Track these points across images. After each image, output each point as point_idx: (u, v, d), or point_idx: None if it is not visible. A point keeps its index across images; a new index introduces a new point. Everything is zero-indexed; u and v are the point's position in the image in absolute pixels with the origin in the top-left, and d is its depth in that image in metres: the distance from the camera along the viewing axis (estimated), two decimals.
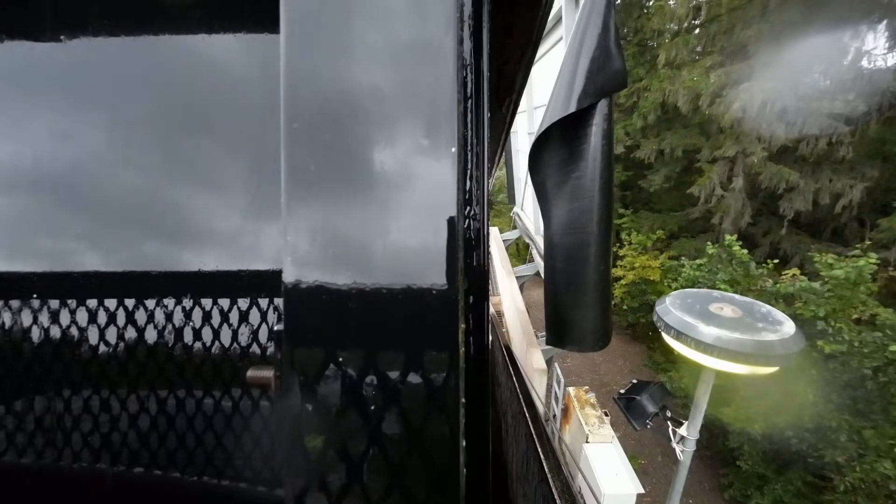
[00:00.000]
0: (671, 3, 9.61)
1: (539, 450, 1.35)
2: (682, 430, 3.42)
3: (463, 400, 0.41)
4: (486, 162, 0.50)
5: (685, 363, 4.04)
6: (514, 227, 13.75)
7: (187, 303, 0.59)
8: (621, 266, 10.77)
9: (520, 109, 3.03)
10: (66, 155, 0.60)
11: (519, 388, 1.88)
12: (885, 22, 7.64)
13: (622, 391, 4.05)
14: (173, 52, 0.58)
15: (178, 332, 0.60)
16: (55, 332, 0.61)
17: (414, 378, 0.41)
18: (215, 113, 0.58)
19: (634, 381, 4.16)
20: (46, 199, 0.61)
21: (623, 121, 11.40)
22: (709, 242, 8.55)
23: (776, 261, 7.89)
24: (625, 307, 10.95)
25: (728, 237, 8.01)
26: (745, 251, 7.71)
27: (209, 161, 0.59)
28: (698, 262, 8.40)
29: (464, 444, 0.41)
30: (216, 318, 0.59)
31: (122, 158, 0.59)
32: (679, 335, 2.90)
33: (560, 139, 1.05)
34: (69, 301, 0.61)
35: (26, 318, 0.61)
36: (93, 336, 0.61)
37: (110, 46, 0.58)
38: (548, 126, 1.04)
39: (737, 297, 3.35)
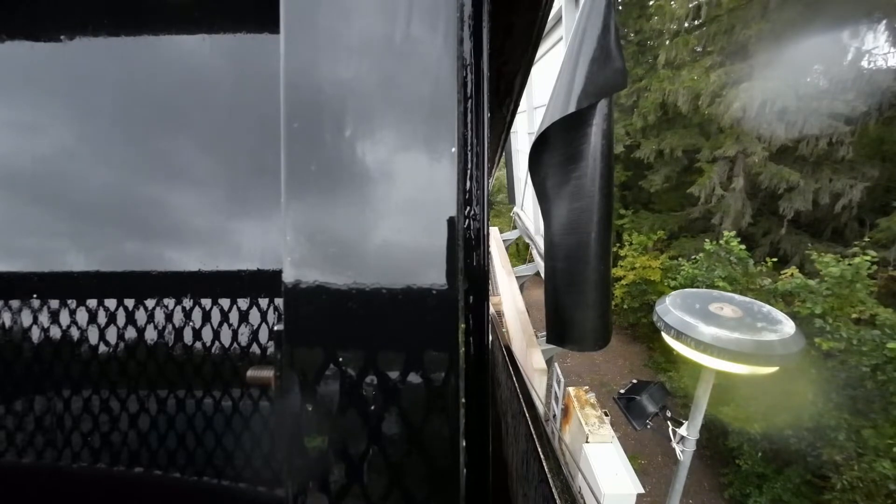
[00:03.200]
0: (672, 3, 9.61)
1: (539, 450, 1.35)
2: (682, 430, 3.42)
3: (463, 400, 0.41)
4: (486, 162, 0.50)
5: (685, 363, 4.04)
6: (514, 227, 13.75)
7: (187, 303, 0.59)
8: (622, 266, 10.77)
9: (520, 109, 3.03)
10: (66, 155, 0.60)
11: (519, 388, 1.88)
12: (884, 22, 7.64)
13: (622, 391, 4.06)
14: (174, 52, 0.58)
15: (178, 332, 0.60)
16: (55, 332, 0.61)
17: (414, 378, 0.41)
18: (215, 113, 0.58)
19: (634, 381, 4.16)
20: (46, 200, 0.61)
21: (623, 121, 11.40)
22: (707, 240, 8.55)
23: (775, 259, 7.90)
24: (625, 307, 10.96)
25: (726, 233, 8.01)
26: (743, 247, 7.72)
27: (210, 161, 0.59)
28: (694, 258, 8.41)
29: (464, 444, 0.41)
30: (216, 318, 0.59)
31: (123, 158, 0.59)
32: (679, 335, 2.90)
33: (560, 139, 1.05)
34: (69, 301, 0.61)
35: (26, 318, 0.61)
36: (92, 336, 0.61)
37: (109, 46, 0.58)
38: (548, 126, 1.04)
39: (737, 296, 3.35)
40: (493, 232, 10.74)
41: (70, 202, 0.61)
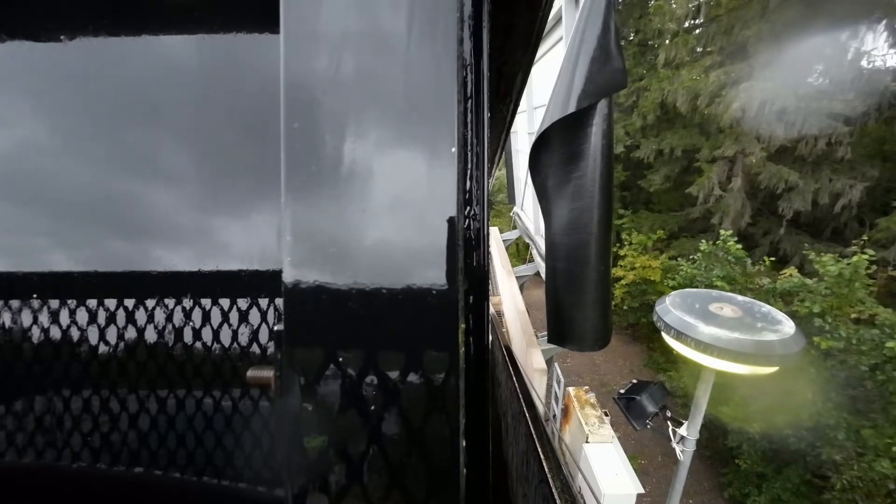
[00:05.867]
0: (671, 3, 9.62)
1: (539, 450, 1.35)
2: (682, 430, 3.42)
3: (463, 400, 0.41)
4: (486, 162, 0.50)
5: (685, 363, 4.05)
6: (514, 227, 13.75)
7: (187, 303, 0.59)
8: (621, 266, 10.78)
9: (520, 109, 3.03)
10: (67, 155, 0.60)
11: (519, 388, 1.88)
12: (884, 22, 7.65)
13: (622, 391, 4.06)
14: (174, 53, 0.58)
15: (178, 332, 0.60)
16: (55, 332, 0.61)
17: (414, 378, 0.41)
18: (215, 113, 0.58)
19: (634, 381, 4.16)
20: (45, 200, 0.61)
21: (623, 120, 11.41)
22: (703, 240, 8.56)
23: (773, 259, 7.91)
24: (625, 307, 10.96)
25: (723, 232, 8.02)
26: (740, 246, 7.74)
27: (210, 161, 0.59)
28: (692, 258, 8.42)
29: (464, 444, 0.41)
30: (216, 318, 0.59)
31: (123, 158, 0.59)
32: (679, 335, 2.90)
33: (560, 139, 1.05)
34: (69, 301, 0.61)
35: (26, 318, 0.61)
36: (92, 336, 0.61)
37: (108, 46, 0.58)
38: (548, 126, 1.04)
39: (737, 296, 3.35)
40: (493, 232, 10.74)
41: (70, 202, 0.61)
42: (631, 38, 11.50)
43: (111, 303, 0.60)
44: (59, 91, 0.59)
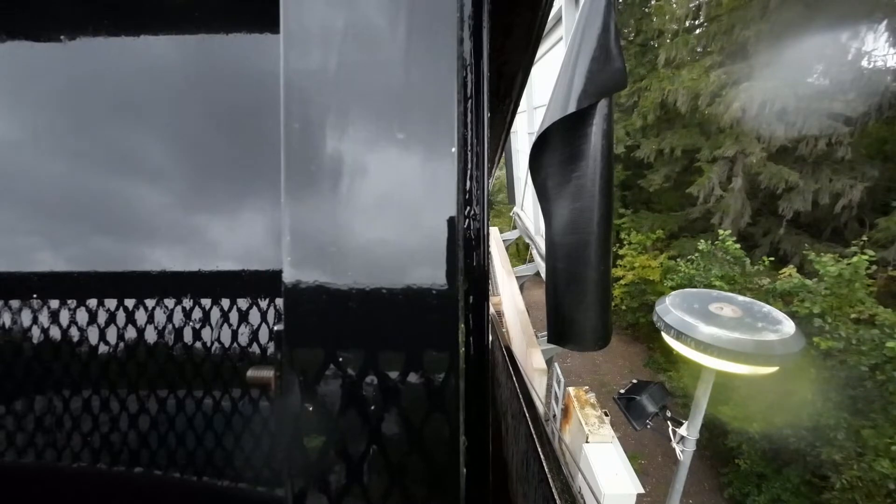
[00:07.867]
0: (672, 3, 9.61)
1: (539, 450, 1.35)
2: (682, 430, 3.42)
3: (463, 400, 0.41)
4: (486, 162, 0.50)
5: (685, 363, 4.05)
6: (514, 227, 13.76)
7: (187, 303, 0.59)
8: (621, 266, 10.77)
9: (520, 109, 3.03)
10: (68, 156, 0.60)
11: (519, 388, 1.88)
12: (884, 22, 7.64)
13: (622, 391, 4.06)
14: (174, 53, 0.58)
15: (178, 333, 0.60)
16: (55, 332, 0.61)
17: (414, 378, 0.41)
18: (215, 114, 0.58)
19: (634, 381, 4.16)
20: (49, 200, 0.61)
21: (623, 120, 11.41)
22: (701, 240, 8.55)
23: (772, 258, 7.91)
24: (624, 307, 10.95)
25: (721, 232, 8.01)
26: (738, 246, 7.74)
27: (211, 161, 0.59)
28: (690, 258, 8.42)
29: (464, 444, 0.41)
30: (216, 318, 0.59)
31: (123, 159, 0.59)
32: (679, 335, 2.90)
33: (560, 139, 1.05)
34: (69, 301, 0.61)
35: (26, 319, 0.61)
36: (92, 336, 0.61)
37: (108, 46, 0.58)
38: (548, 126, 1.04)
39: (737, 296, 3.35)
40: (493, 232, 10.74)
41: (70, 203, 0.61)
42: (631, 38, 11.51)
43: (111, 303, 0.60)
44: (61, 91, 0.59)
